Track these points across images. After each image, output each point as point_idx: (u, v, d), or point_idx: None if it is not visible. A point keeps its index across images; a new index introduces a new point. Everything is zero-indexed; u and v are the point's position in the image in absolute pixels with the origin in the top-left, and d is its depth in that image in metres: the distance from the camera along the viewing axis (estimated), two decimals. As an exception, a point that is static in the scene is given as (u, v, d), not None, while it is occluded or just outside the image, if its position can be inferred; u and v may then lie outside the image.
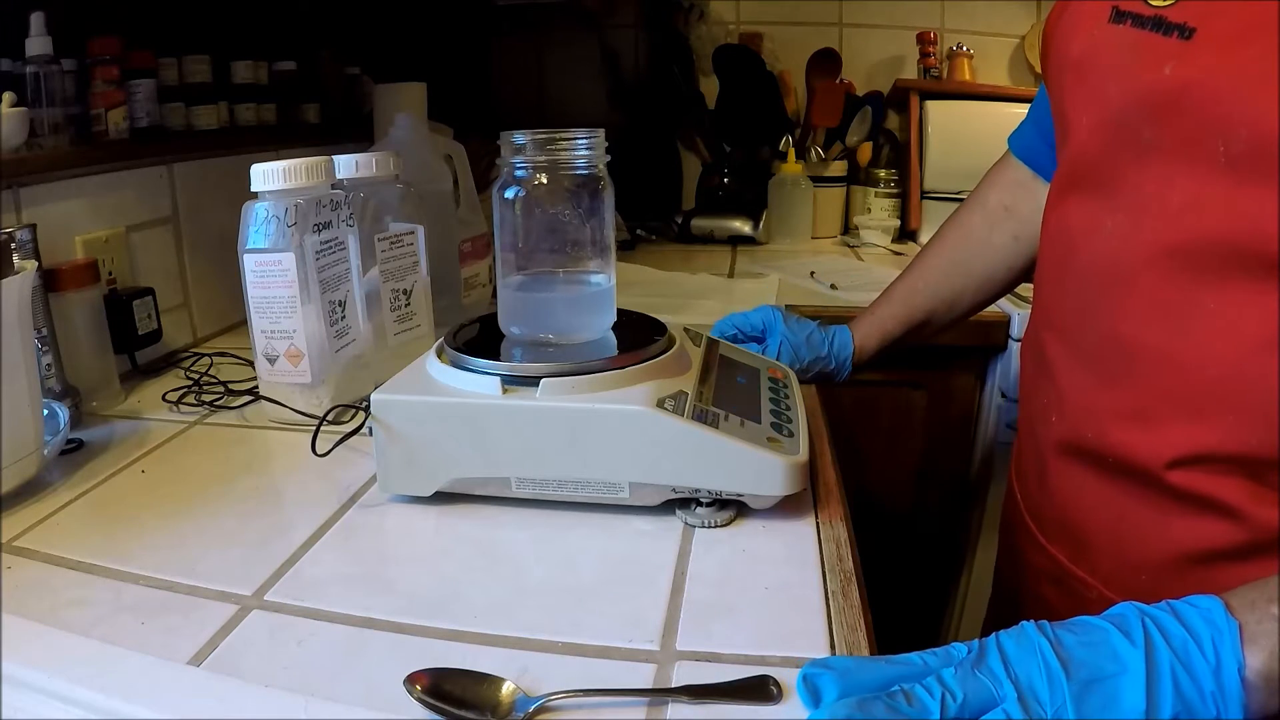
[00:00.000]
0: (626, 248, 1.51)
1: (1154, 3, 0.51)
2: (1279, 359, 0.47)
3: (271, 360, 0.71)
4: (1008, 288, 0.82)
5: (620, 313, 0.65)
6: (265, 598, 0.48)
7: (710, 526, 0.54)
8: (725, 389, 0.59)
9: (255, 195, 0.69)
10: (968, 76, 1.58)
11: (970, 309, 0.83)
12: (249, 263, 0.69)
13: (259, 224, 0.68)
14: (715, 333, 0.79)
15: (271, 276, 0.69)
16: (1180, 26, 0.49)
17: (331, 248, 0.72)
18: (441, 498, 0.58)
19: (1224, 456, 0.50)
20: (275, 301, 0.69)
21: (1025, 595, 0.69)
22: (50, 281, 0.74)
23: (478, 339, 0.63)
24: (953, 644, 0.39)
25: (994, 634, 0.39)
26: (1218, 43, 0.48)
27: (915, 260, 0.85)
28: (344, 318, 0.74)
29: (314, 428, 0.63)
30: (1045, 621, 0.39)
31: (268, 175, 0.68)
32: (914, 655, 0.38)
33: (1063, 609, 0.62)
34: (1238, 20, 0.47)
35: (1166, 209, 0.51)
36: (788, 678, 0.39)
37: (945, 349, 1.11)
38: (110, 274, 0.85)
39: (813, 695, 0.37)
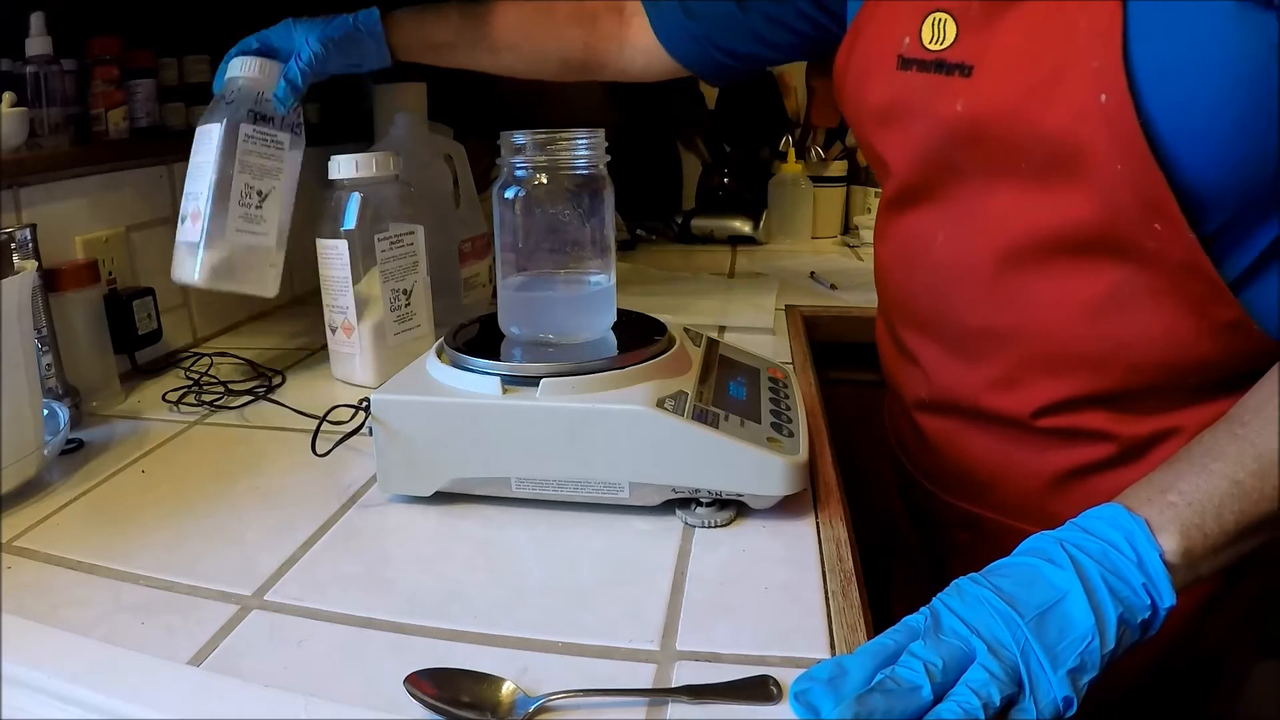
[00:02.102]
0: (626, 248, 1.51)
1: (931, 47, 0.58)
2: (1106, 319, 0.56)
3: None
4: (542, 75, 0.86)
5: (620, 313, 0.65)
6: (265, 598, 0.48)
7: (710, 526, 0.54)
8: (725, 389, 0.59)
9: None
10: (968, 76, 1.58)
11: (501, 67, 0.85)
12: None
13: None
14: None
15: None
16: (960, 66, 0.56)
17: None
18: (441, 498, 0.58)
19: (1081, 399, 0.59)
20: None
21: (945, 549, 0.75)
22: (50, 281, 0.74)
23: (478, 339, 0.63)
24: (907, 617, 0.40)
25: (936, 598, 0.41)
26: (995, 76, 0.54)
27: None
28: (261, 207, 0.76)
29: (314, 428, 0.63)
30: (974, 574, 0.42)
31: None
32: (883, 638, 0.39)
33: (979, 550, 0.69)
34: (1007, 52, 0.54)
35: (989, 218, 0.59)
36: (788, 678, 0.39)
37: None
38: (110, 274, 0.85)
39: (808, 709, 0.37)
